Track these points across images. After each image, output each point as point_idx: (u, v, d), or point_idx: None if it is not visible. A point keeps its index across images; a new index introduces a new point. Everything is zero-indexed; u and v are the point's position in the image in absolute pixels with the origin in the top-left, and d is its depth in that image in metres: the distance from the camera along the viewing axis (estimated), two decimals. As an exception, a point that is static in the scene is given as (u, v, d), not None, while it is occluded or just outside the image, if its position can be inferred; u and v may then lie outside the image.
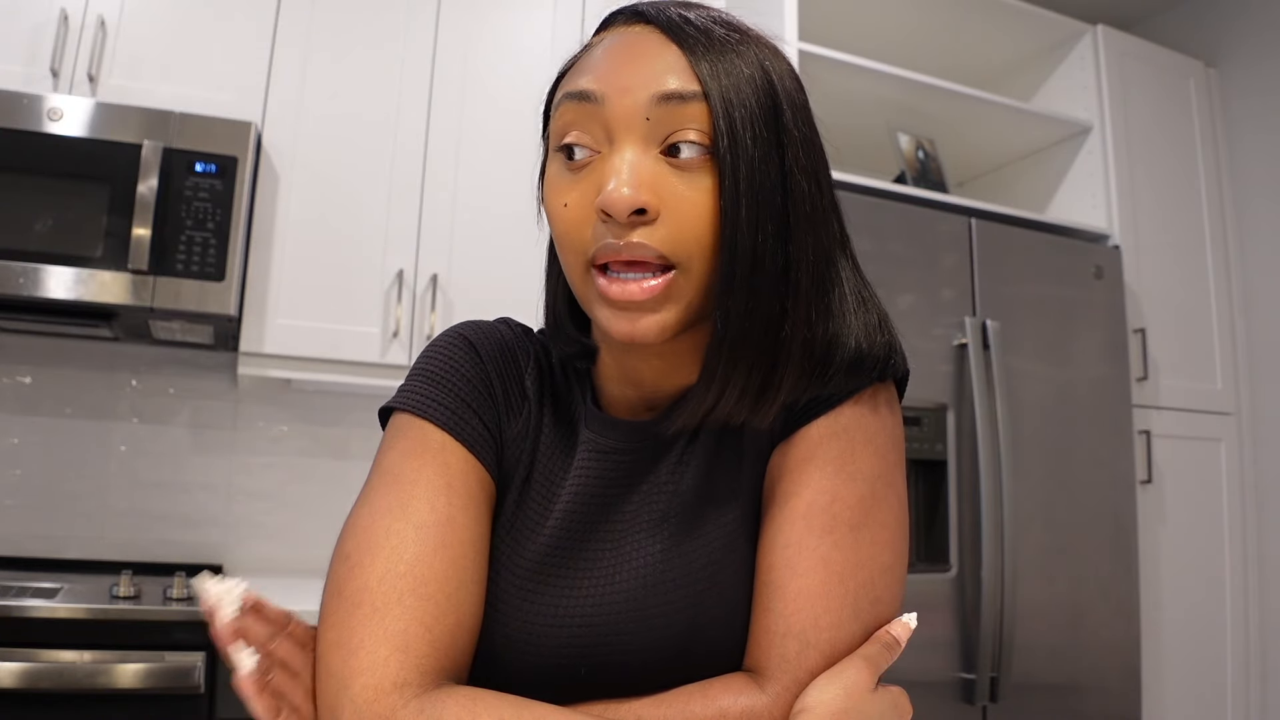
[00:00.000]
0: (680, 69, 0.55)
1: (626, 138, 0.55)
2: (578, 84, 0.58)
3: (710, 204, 0.54)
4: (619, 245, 0.54)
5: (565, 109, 0.58)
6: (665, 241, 0.54)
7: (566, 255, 0.58)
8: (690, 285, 0.55)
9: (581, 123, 0.57)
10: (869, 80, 2.24)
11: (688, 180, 0.55)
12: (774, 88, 0.57)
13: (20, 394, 2.12)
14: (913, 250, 2.06)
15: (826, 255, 0.58)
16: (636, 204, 0.53)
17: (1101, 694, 2.08)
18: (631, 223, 0.54)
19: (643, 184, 0.54)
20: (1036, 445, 2.10)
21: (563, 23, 2.32)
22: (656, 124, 0.55)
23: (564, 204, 0.57)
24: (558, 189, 0.58)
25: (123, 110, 1.85)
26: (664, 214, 0.54)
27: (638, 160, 0.54)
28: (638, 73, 0.55)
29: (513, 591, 0.61)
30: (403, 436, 0.61)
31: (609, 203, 0.53)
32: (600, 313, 0.57)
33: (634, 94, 0.55)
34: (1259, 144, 2.64)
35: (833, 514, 0.58)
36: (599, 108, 0.56)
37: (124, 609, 1.58)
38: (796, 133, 0.57)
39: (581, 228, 0.56)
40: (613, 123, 0.55)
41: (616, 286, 0.55)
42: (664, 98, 0.54)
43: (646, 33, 0.58)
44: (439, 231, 2.15)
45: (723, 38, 0.57)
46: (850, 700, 0.53)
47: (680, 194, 0.54)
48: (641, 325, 0.55)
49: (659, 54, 0.56)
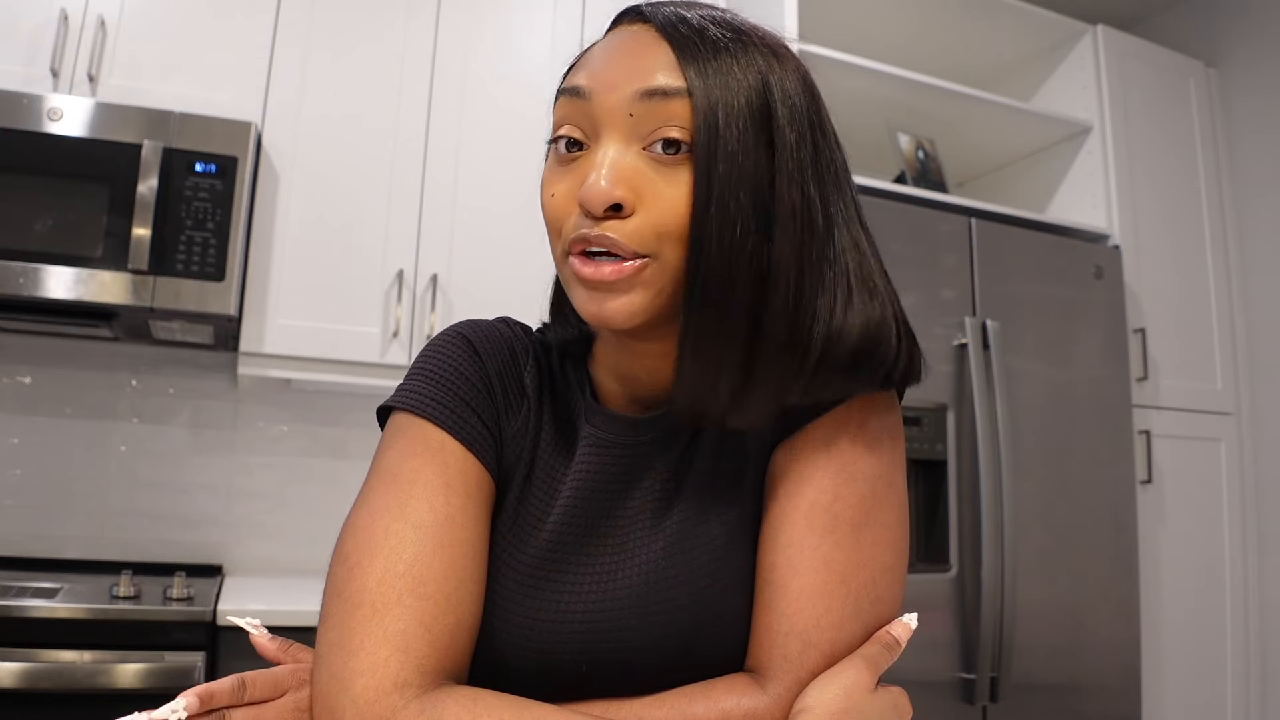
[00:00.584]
0: (668, 66, 0.56)
1: (611, 133, 0.56)
2: (572, 80, 0.59)
3: (686, 199, 0.55)
4: (591, 235, 0.56)
5: (561, 104, 0.60)
6: (634, 235, 0.55)
7: (551, 243, 0.61)
8: (664, 275, 0.56)
9: (573, 117, 0.58)
10: (869, 80, 2.24)
11: (667, 176, 0.56)
12: (768, 90, 0.57)
13: (20, 394, 2.12)
14: (913, 250, 2.06)
15: (823, 257, 0.58)
16: (611, 200, 0.54)
17: (1101, 694, 2.08)
18: (606, 216, 0.55)
19: (620, 180, 0.55)
20: (1036, 445, 2.10)
21: (563, 23, 2.32)
22: (640, 120, 0.56)
23: (552, 194, 0.59)
24: (548, 181, 0.60)
25: (123, 110, 1.85)
26: (639, 209, 0.55)
27: (619, 156, 0.56)
28: (625, 69, 0.57)
29: (514, 589, 0.61)
30: (401, 436, 0.61)
31: (586, 198, 0.55)
32: (575, 294, 0.58)
33: (619, 90, 0.56)
34: (1259, 144, 2.64)
35: (834, 514, 0.58)
36: (588, 103, 0.57)
37: (124, 609, 1.58)
38: (791, 136, 0.57)
39: (565, 217, 0.58)
40: (599, 118, 0.57)
41: (589, 267, 0.56)
42: (647, 94, 0.55)
43: (643, 31, 0.59)
44: (439, 231, 2.15)
45: (717, 37, 0.57)
46: (850, 700, 0.53)
47: (658, 189, 0.55)
48: (609, 306, 0.56)
49: (649, 51, 0.57)
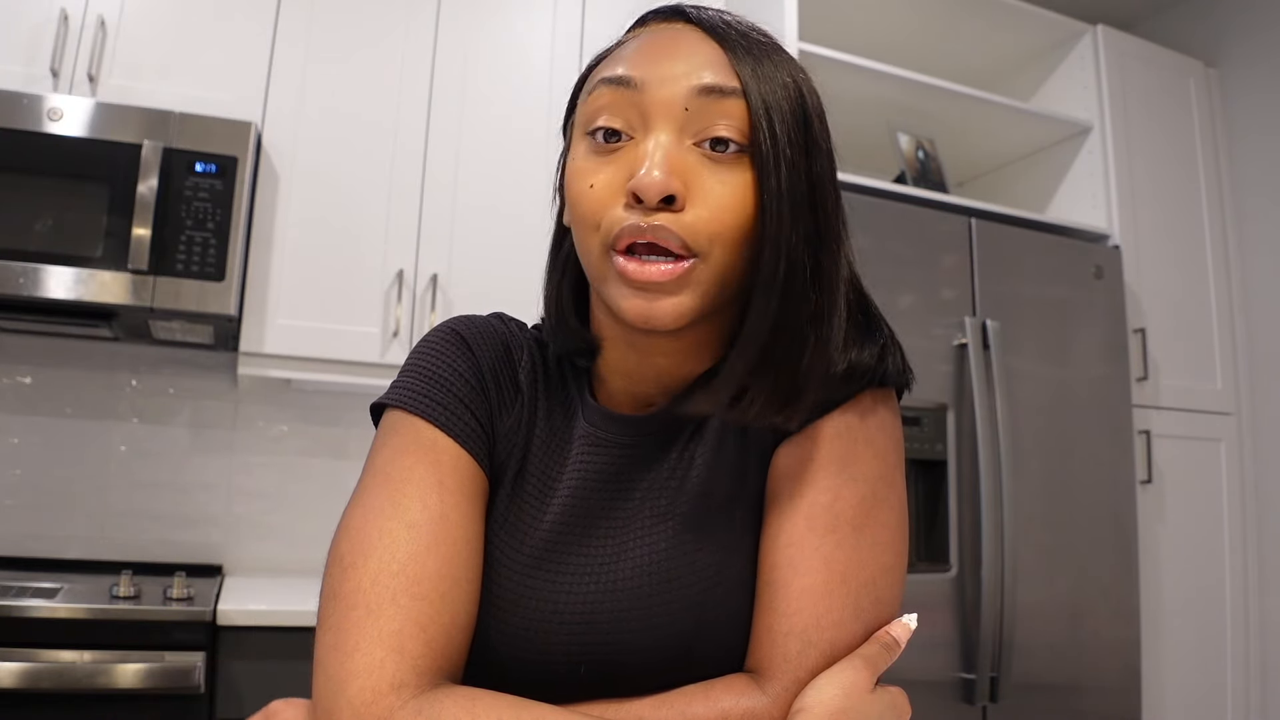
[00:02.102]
0: (721, 65, 0.56)
1: (663, 125, 0.56)
2: (615, 70, 0.58)
3: (738, 198, 0.55)
4: (644, 227, 0.54)
5: (600, 93, 0.58)
6: (689, 230, 0.54)
7: (587, 236, 0.58)
8: (709, 275, 0.56)
9: (616, 107, 0.57)
10: (869, 80, 2.24)
11: (718, 173, 0.55)
12: (804, 98, 0.58)
13: (20, 394, 2.12)
14: (913, 250, 2.06)
15: (839, 262, 0.59)
16: (668, 189, 0.54)
17: (1101, 694, 2.08)
18: (659, 208, 0.54)
19: (674, 171, 0.54)
20: (1036, 445, 2.10)
21: (563, 23, 2.32)
22: (694, 115, 0.55)
23: (590, 185, 0.57)
24: (583, 171, 0.58)
25: (123, 110, 1.85)
26: (691, 203, 0.55)
27: (672, 147, 0.55)
28: (679, 64, 0.56)
29: (511, 586, 0.60)
30: (394, 434, 0.61)
31: (641, 186, 0.54)
32: (615, 292, 0.56)
33: (675, 84, 0.56)
34: (1259, 144, 2.64)
35: (835, 514, 0.58)
36: (638, 94, 0.56)
37: (124, 609, 1.58)
38: (823, 144, 0.58)
39: (607, 209, 0.56)
40: (650, 109, 0.56)
41: (635, 266, 0.55)
42: (704, 90, 0.55)
43: (686, 30, 0.59)
44: (439, 231, 2.15)
45: (760, 42, 0.58)
46: (849, 700, 0.53)
47: (709, 185, 0.55)
48: (659, 307, 0.55)
49: (700, 49, 0.57)
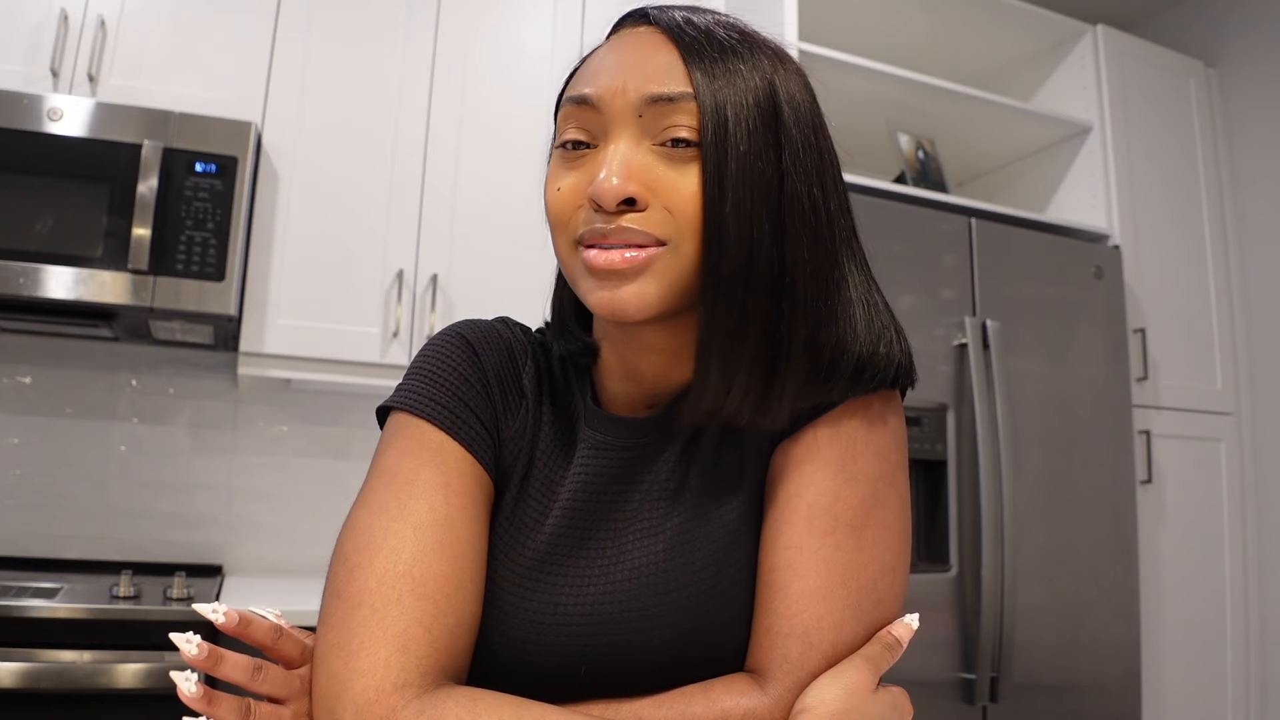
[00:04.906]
0: (674, 70, 0.57)
1: (621, 133, 0.57)
2: (578, 89, 0.60)
3: (700, 192, 0.56)
4: (607, 229, 0.55)
5: (566, 111, 0.60)
6: (656, 224, 0.55)
7: (557, 237, 0.60)
8: (677, 264, 0.56)
9: (579, 122, 0.59)
10: (869, 80, 2.24)
11: (679, 169, 0.56)
12: (774, 91, 0.58)
13: (20, 394, 2.12)
14: (913, 250, 2.06)
15: (830, 259, 0.59)
16: (625, 194, 0.55)
17: (1101, 694, 2.08)
18: (620, 211, 0.55)
19: (632, 175, 0.55)
20: (1036, 445, 2.10)
21: (563, 23, 2.32)
22: (649, 121, 0.57)
23: (557, 189, 0.59)
24: (553, 176, 0.60)
25: (123, 110, 1.85)
26: (653, 202, 0.56)
27: (629, 152, 0.56)
28: (632, 74, 0.57)
29: (513, 589, 0.61)
30: (400, 436, 0.61)
31: (598, 192, 0.55)
32: (585, 286, 0.58)
33: (627, 95, 0.57)
34: (1259, 144, 2.64)
35: (835, 514, 0.58)
36: (596, 111, 0.58)
37: (124, 609, 1.58)
38: (798, 136, 0.57)
39: (572, 211, 0.58)
40: (610, 121, 0.57)
41: (601, 255, 0.56)
42: (654, 99, 0.56)
43: (649, 34, 0.60)
44: (439, 232, 2.15)
45: (724, 38, 0.58)
46: (850, 701, 0.53)
47: (670, 180, 0.56)
48: (621, 295, 0.56)
49: (655, 55, 0.58)
